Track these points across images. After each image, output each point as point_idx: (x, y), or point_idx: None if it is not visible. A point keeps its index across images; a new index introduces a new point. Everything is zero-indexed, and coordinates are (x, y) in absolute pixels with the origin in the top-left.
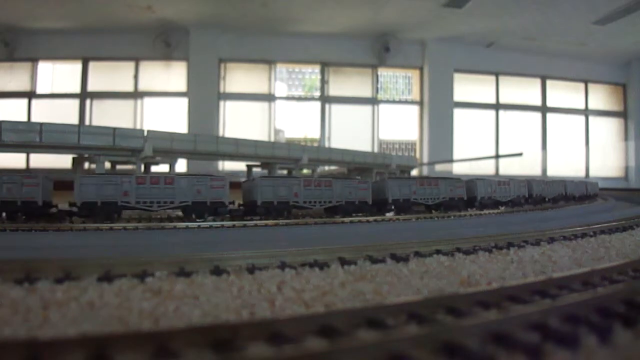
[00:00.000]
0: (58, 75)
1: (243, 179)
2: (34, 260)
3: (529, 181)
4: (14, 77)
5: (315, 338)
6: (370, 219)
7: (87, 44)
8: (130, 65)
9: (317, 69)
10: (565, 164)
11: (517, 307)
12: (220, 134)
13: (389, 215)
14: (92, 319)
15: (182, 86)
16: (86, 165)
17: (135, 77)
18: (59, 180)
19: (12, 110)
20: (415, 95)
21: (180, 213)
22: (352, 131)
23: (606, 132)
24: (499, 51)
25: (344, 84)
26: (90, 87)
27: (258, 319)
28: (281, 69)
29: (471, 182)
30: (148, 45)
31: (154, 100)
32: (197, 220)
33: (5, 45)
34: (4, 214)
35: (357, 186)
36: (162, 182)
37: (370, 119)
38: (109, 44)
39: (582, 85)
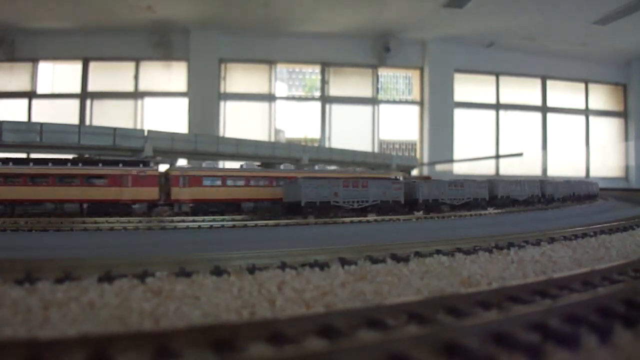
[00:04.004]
0: (58, 75)
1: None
2: (34, 260)
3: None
4: (14, 77)
5: (316, 338)
6: (371, 219)
7: (87, 44)
8: (131, 65)
9: (317, 69)
10: (566, 164)
11: (517, 307)
12: (221, 134)
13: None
14: (92, 319)
15: (182, 86)
16: None
17: (136, 77)
18: None
19: (13, 111)
20: (415, 95)
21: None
22: (352, 131)
23: (606, 132)
24: (499, 51)
25: (344, 84)
26: (91, 87)
27: (258, 319)
28: (281, 69)
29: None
30: (148, 45)
31: (155, 101)
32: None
33: (6, 46)
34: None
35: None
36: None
37: (371, 119)
38: (109, 44)
39: (582, 85)
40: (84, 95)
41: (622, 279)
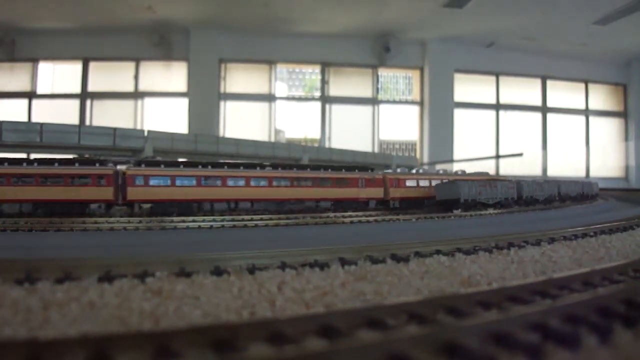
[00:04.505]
0: (58, 75)
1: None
2: (34, 260)
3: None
4: (14, 77)
5: (316, 338)
6: (371, 219)
7: (88, 44)
8: (131, 65)
9: (317, 69)
10: (566, 164)
11: (517, 308)
12: (221, 134)
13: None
14: (92, 319)
15: (182, 86)
16: None
17: (136, 77)
18: None
19: (13, 111)
20: (415, 95)
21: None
22: (352, 131)
23: (606, 132)
24: (499, 51)
25: (344, 84)
26: (91, 88)
27: (258, 319)
28: (281, 69)
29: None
30: (148, 45)
31: (155, 101)
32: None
33: (6, 46)
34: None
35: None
36: None
37: (371, 119)
38: (109, 44)
39: (582, 86)
40: (84, 95)
41: (622, 279)
